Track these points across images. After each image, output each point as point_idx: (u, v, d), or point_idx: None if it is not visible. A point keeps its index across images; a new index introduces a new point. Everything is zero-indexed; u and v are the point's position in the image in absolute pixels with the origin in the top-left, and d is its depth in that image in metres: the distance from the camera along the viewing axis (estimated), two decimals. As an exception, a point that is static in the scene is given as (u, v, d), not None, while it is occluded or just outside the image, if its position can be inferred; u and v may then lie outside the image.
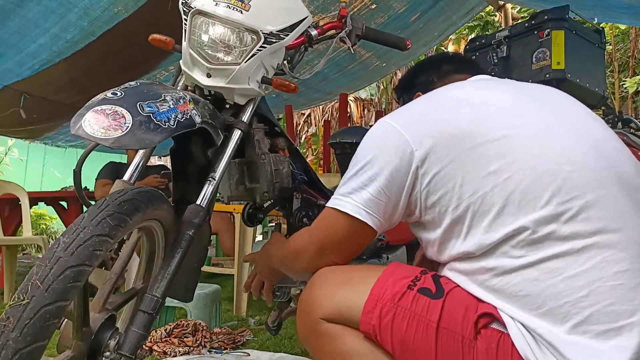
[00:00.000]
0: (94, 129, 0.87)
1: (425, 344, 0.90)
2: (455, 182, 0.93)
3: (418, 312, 0.91)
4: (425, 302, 0.92)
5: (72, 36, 3.13)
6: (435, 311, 0.91)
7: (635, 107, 8.12)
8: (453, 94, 1.07)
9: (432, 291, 0.93)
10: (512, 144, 0.93)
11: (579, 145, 0.95)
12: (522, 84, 1.16)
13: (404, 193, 0.98)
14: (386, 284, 0.96)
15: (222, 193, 1.44)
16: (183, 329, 2.36)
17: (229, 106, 1.22)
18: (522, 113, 0.99)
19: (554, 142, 0.94)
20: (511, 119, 0.97)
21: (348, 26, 1.34)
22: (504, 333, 0.87)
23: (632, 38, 7.57)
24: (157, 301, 0.95)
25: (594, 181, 0.90)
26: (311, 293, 1.04)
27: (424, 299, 0.92)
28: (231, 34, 1.11)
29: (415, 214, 1.01)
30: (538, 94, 1.08)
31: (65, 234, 0.81)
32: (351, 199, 1.00)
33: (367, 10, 3.90)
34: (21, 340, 0.71)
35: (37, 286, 0.75)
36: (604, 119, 3.02)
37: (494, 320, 0.88)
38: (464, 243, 0.94)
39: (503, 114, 0.98)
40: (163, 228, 1.07)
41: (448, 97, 1.06)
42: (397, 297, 0.93)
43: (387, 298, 0.94)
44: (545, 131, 0.96)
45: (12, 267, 3.39)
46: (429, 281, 0.95)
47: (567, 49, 2.34)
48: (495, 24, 7.84)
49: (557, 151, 0.92)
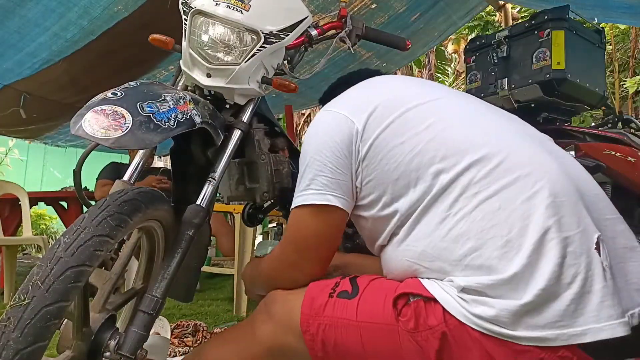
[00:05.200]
0: (94, 129, 0.87)
1: (353, 343, 0.92)
2: (395, 142, 0.98)
3: (338, 316, 0.94)
4: (344, 304, 0.95)
5: (72, 35, 3.12)
6: (352, 309, 0.93)
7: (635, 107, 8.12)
8: (376, 81, 1.17)
9: (349, 292, 0.96)
10: (440, 106, 1.03)
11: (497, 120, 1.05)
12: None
13: (352, 164, 1.00)
14: (311, 298, 0.98)
15: (222, 193, 1.44)
16: (183, 329, 2.36)
17: (229, 106, 1.22)
18: (436, 91, 1.10)
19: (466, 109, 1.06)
20: (429, 94, 1.07)
21: (348, 26, 1.34)
22: (427, 301, 0.88)
23: (632, 38, 7.57)
24: (157, 301, 0.95)
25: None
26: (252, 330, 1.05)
27: (342, 302, 0.95)
28: (231, 34, 1.11)
29: (358, 187, 1.02)
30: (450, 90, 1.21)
31: (66, 234, 0.81)
32: (311, 189, 1.01)
33: (367, 10, 3.89)
34: (22, 340, 0.71)
35: (38, 286, 0.75)
36: (604, 119, 3.03)
37: (416, 295, 0.89)
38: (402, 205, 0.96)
39: (420, 91, 1.09)
40: (163, 228, 1.07)
41: (372, 82, 1.16)
42: (321, 309, 0.96)
43: (314, 313, 0.96)
44: (459, 105, 1.07)
45: (12, 267, 3.38)
46: (346, 284, 0.98)
47: (567, 49, 2.34)
48: (495, 24, 7.84)
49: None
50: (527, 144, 0.98)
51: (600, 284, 0.83)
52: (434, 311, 0.86)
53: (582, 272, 0.83)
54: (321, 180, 1.00)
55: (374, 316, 0.91)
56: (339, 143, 1.00)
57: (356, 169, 1.00)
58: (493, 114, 1.08)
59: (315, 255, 1.04)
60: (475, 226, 0.87)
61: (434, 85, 1.21)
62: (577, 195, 0.91)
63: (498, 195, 0.88)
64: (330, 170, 1.00)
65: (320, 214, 1.00)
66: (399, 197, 0.96)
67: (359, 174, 1.00)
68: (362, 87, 1.14)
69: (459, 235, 0.88)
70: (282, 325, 1.00)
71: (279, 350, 1.01)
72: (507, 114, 1.11)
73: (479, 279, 0.84)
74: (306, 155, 1.04)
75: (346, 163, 1.00)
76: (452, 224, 0.89)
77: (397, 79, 1.24)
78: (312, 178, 1.01)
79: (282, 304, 1.03)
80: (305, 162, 1.03)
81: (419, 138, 0.96)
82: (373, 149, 0.98)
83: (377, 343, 0.91)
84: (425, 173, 0.93)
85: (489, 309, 0.83)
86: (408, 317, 0.88)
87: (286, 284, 1.06)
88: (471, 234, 0.87)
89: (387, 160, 0.97)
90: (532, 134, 1.06)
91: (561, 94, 2.40)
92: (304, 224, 1.03)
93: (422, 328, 0.87)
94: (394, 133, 0.98)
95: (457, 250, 0.87)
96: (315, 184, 1.00)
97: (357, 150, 1.00)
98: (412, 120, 0.99)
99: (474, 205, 0.89)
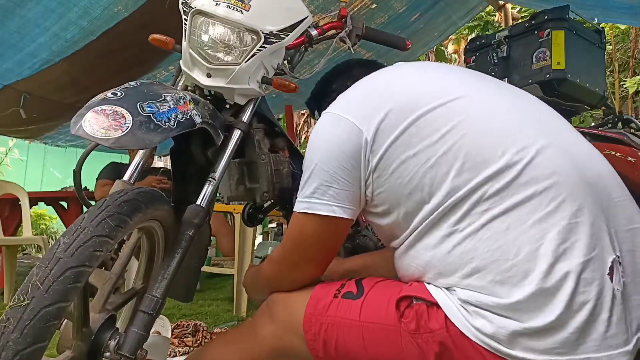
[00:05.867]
0: (94, 129, 0.87)
1: (355, 344, 0.92)
2: (407, 153, 0.91)
3: (341, 316, 0.94)
4: (348, 305, 0.94)
5: (72, 35, 3.12)
6: (355, 310, 0.93)
7: (635, 107, 8.11)
8: (384, 76, 1.08)
9: (354, 293, 0.96)
10: (457, 109, 0.93)
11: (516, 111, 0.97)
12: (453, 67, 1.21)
13: (361, 175, 0.95)
14: (317, 299, 0.98)
15: (222, 193, 1.44)
16: (183, 329, 2.36)
17: (229, 106, 1.22)
18: (456, 86, 1.00)
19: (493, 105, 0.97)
20: (447, 91, 0.97)
21: (348, 26, 1.34)
22: (430, 305, 0.87)
23: (632, 38, 7.57)
24: (157, 301, 0.95)
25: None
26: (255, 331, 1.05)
27: (346, 302, 0.95)
28: (231, 34, 1.11)
29: (369, 197, 0.98)
30: (470, 73, 1.11)
31: (66, 234, 0.81)
32: (315, 198, 0.97)
33: (367, 10, 3.89)
34: (21, 341, 0.71)
35: (37, 287, 0.75)
36: (604, 119, 3.02)
37: (419, 298, 0.89)
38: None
39: (437, 89, 0.99)
40: (163, 228, 1.07)
41: (382, 78, 1.07)
42: (325, 308, 0.96)
43: (317, 313, 0.96)
44: (483, 98, 0.98)
45: (12, 267, 3.38)
46: (351, 285, 0.98)
47: (567, 49, 2.34)
48: (495, 24, 7.83)
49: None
50: (552, 148, 0.89)
51: (607, 313, 0.80)
52: (436, 316, 0.86)
53: (592, 301, 0.80)
54: (326, 190, 0.96)
55: (376, 317, 0.91)
56: (347, 154, 0.94)
57: (366, 180, 0.95)
58: (520, 102, 1.00)
59: (316, 257, 1.03)
60: (481, 246, 0.84)
61: (455, 74, 1.09)
62: (598, 209, 0.86)
63: (508, 214, 0.84)
64: (337, 182, 0.95)
65: (325, 223, 0.97)
66: (413, 212, 0.92)
67: (369, 184, 0.96)
68: (370, 85, 1.05)
69: (463, 252, 0.85)
70: (284, 327, 1.00)
71: (281, 351, 1.01)
72: (535, 100, 1.04)
73: (480, 297, 0.83)
74: (312, 161, 0.99)
75: (355, 174, 0.95)
76: (457, 240, 0.86)
77: (412, 70, 1.09)
78: (317, 187, 0.97)
79: (284, 305, 1.02)
80: (310, 168, 0.98)
81: (434, 149, 0.90)
82: (384, 161, 0.93)
83: (379, 344, 0.90)
84: (438, 189, 0.89)
85: (488, 324, 0.81)
86: (410, 318, 0.88)
87: (287, 286, 1.05)
88: (476, 253, 0.84)
89: (400, 174, 0.92)
90: (559, 128, 0.98)
91: (561, 94, 2.39)
92: (307, 231, 1.00)
93: (422, 330, 0.86)
94: (406, 144, 0.92)
95: (460, 268, 0.85)
96: (320, 193, 0.96)
97: (367, 162, 0.94)
98: (425, 128, 0.91)
99: (481, 223, 0.85)
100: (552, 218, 0.83)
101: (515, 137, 0.90)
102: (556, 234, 0.82)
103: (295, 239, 1.04)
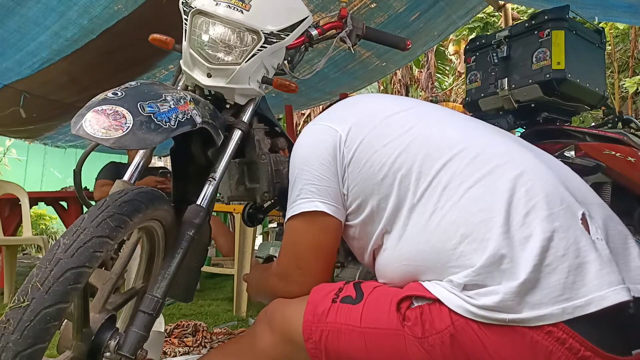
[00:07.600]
0: (95, 129, 0.87)
1: (357, 350, 0.92)
2: (379, 145, 1.00)
3: (342, 322, 0.94)
4: (348, 310, 0.94)
5: (72, 34, 3.12)
6: (356, 315, 0.93)
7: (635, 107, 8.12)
8: (356, 98, 1.24)
9: (353, 297, 0.96)
10: (422, 113, 1.09)
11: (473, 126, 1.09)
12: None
13: (338, 170, 1.02)
14: (314, 305, 0.98)
15: (223, 193, 1.44)
16: (183, 329, 2.36)
17: (229, 106, 1.22)
18: (411, 103, 1.14)
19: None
20: (406, 105, 1.11)
21: (348, 26, 1.34)
22: (432, 303, 0.87)
23: (632, 38, 7.57)
24: (157, 301, 0.95)
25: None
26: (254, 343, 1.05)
27: (346, 307, 0.95)
28: (232, 33, 1.11)
29: (345, 193, 1.03)
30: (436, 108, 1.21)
31: (66, 235, 0.81)
32: (300, 199, 1.03)
33: (366, 9, 3.88)
34: (21, 342, 0.71)
35: (38, 288, 0.74)
36: (604, 119, 3.02)
37: (419, 298, 0.89)
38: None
39: (397, 103, 1.14)
40: (163, 228, 1.07)
41: (353, 99, 1.22)
42: (324, 314, 0.95)
43: (317, 320, 0.96)
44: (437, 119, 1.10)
45: (12, 267, 3.38)
46: (350, 289, 0.98)
47: (567, 49, 2.34)
48: (495, 24, 7.84)
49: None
50: (499, 140, 1.02)
51: (594, 253, 0.84)
52: (440, 313, 0.86)
53: (573, 244, 0.84)
54: (309, 188, 1.02)
55: (378, 322, 0.91)
56: (324, 151, 1.03)
57: (342, 175, 1.02)
58: (464, 120, 1.13)
59: (314, 266, 1.05)
60: (464, 213, 0.89)
61: (408, 98, 1.28)
62: (557, 179, 0.93)
63: (480, 182, 0.91)
64: (317, 178, 1.02)
65: (312, 221, 1.02)
66: (386, 196, 0.97)
67: (345, 180, 1.02)
68: (344, 103, 1.20)
69: (449, 224, 0.89)
70: (282, 336, 1.00)
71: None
72: (477, 120, 1.16)
73: (474, 270, 0.84)
74: (294, 168, 1.07)
75: (332, 170, 1.02)
76: (441, 215, 0.91)
77: (376, 96, 1.30)
78: (301, 188, 1.04)
79: (282, 314, 1.03)
80: (294, 175, 1.06)
81: (402, 139, 1.00)
82: (357, 154, 1.02)
83: (382, 350, 0.90)
84: (409, 171, 0.96)
85: (494, 296, 0.82)
86: (413, 322, 0.88)
87: (297, 291, 1.06)
88: (460, 221, 0.89)
89: (372, 163, 1.00)
90: (504, 133, 1.10)
91: (561, 94, 2.39)
92: (298, 234, 1.05)
93: (429, 333, 0.86)
94: (377, 137, 1.01)
95: (450, 239, 0.88)
96: (304, 193, 1.03)
97: (342, 157, 1.02)
98: (393, 124, 1.03)
99: (460, 195, 0.91)
100: (520, 180, 0.90)
101: (469, 134, 1.03)
102: (525, 192, 0.88)
103: (289, 248, 1.07)
